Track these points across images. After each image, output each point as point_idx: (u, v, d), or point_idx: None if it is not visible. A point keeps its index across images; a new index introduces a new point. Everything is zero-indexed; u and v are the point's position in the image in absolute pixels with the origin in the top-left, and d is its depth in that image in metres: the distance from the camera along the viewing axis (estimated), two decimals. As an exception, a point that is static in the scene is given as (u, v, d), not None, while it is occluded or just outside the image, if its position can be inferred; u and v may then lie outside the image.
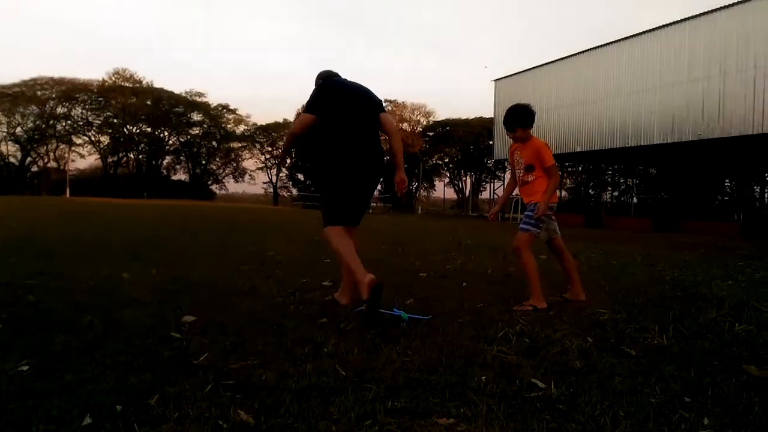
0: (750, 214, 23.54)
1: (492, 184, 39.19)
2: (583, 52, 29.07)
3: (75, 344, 2.92)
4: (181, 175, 68.99)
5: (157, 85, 64.32)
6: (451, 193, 69.09)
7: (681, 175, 36.30)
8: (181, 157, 67.73)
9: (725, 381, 2.58)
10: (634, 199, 45.91)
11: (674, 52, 23.54)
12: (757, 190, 31.09)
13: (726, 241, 16.59)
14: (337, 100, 4.01)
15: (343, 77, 4.30)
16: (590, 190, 34.63)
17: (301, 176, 60.17)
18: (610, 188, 44.50)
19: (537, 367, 2.75)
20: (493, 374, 2.62)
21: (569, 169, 49.90)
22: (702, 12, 22.22)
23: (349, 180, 3.98)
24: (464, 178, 66.75)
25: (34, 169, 66.56)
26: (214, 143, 67.20)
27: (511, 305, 4.29)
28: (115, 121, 62.79)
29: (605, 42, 27.55)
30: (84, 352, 2.79)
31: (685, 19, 23.02)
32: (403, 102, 60.65)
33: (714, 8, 21.67)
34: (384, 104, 4.42)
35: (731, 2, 21.04)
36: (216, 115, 66.33)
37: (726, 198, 45.50)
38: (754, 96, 20.13)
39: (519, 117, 4.43)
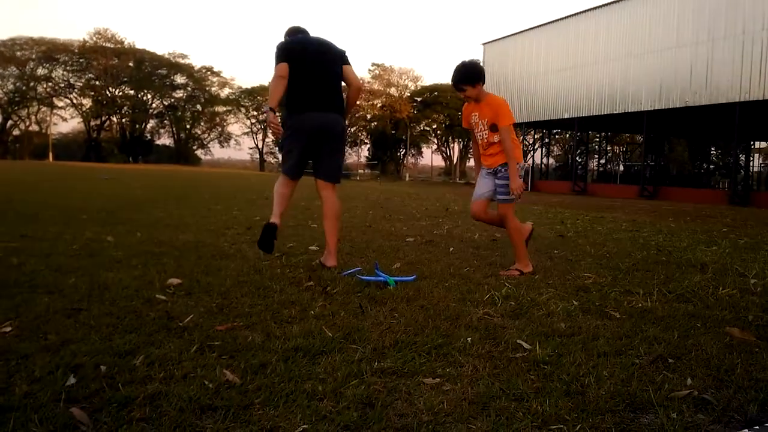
0: (735, 182, 23.76)
1: (479, 151, 39.03)
2: (571, 15, 28.78)
3: (59, 306, 2.89)
4: (165, 140, 68.24)
5: (138, 46, 63.12)
6: (439, 161, 69.04)
7: (667, 142, 36.43)
8: (165, 121, 66.91)
9: (708, 343, 2.61)
10: (621, 167, 46.12)
11: (663, 16, 23.36)
12: (743, 158, 31.35)
13: (711, 208, 16.78)
14: (298, 53, 4.13)
15: (307, 34, 4.36)
16: (577, 158, 34.70)
17: (288, 141, 59.61)
18: (597, 156, 44.68)
19: (522, 329, 2.76)
20: (479, 335, 2.63)
21: (557, 136, 49.89)
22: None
23: (304, 130, 4.16)
24: (452, 145, 66.68)
25: (16, 132, 65.50)
26: (198, 107, 66.37)
27: (497, 269, 4.30)
28: (97, 83, 61.67)
29: (594, 6, 27.27)
30: (68, 314, 2.77)
31: (675, -16, 22.79)
32: (390, 66, 60.13)
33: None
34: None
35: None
36: (200, 78, 65.32)
37: (712, 166, 45.88)
38: (742, 62, 20.11)
39: (465, 74, 4.06)
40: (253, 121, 66.33)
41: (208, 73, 65.76)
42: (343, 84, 4.32)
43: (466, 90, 4.09)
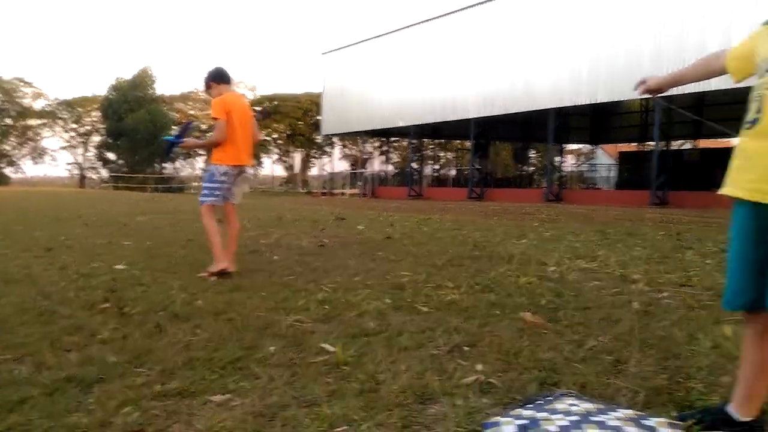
0: (550, 181, 26.11)
1: (321, 160, 39.37)
2: (406, 27, 29.86)
3: None
4: (-32, 158, 60.47)
5: (-69, 53, 55.45)
6: (280, 170, 68.32)
7: (493, 147, 39.22)
8: (-33, 138, 59.29)
9: (503, 329, 2.74)
10: (453, 172, 48.84)
11: (486, 31, 25.10)
12: (558, 159, 34.72)
13: (531, 206, 18.26)
14: None
15: None
16: (414, 164, 36.17)
17: (112, 155, 55.79)
18: (432, 162, 46.92)
19: (331, 332, 2.71)
20: (284, 344, 2.53)
21: (395, 144, 51.66)
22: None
23: None
24: (293, 155, 66.34)
25: None
26: (8, 120, 59.57)
27: (321, 275, 4.25)
28: None
29: (428, 18, 28.51)
30: None
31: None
32: (223, 75, 58.46)
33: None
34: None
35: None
36: (10, 89, 58.78)
37: (532, 168, 50.16)
38: (557, 73, 22.14)
39: (204, 78, 4.55)
40: (73, 134, 61.03)
41: (20, 83, 59.42)
42: None
43: (210, 86, 4.53)
